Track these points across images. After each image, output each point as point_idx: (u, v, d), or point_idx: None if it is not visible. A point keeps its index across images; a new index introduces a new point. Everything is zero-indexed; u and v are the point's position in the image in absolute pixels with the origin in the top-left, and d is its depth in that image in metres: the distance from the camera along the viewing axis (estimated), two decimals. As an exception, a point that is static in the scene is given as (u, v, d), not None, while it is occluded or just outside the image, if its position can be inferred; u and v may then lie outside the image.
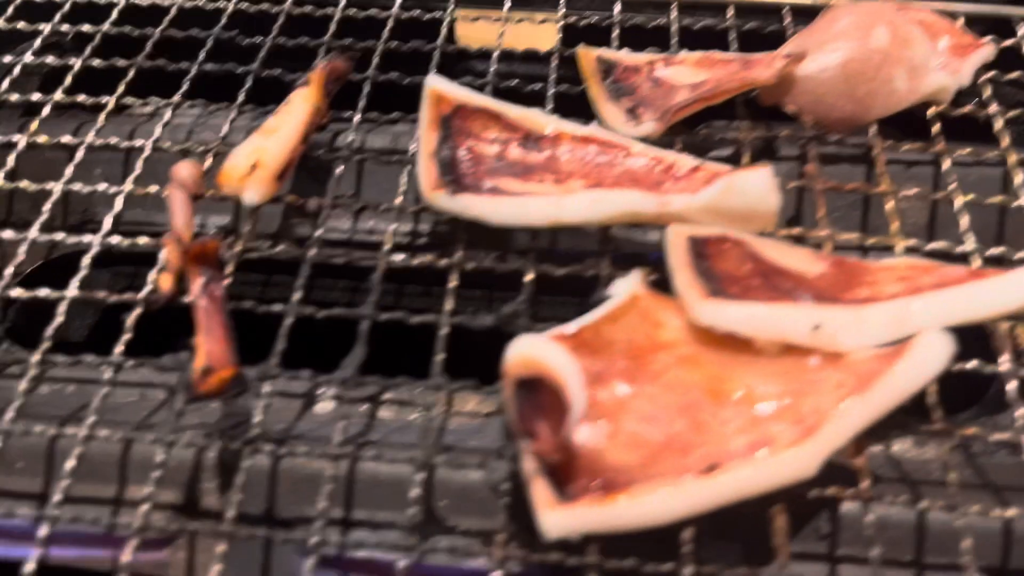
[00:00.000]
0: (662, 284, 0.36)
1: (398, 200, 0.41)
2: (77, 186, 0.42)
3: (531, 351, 0.31)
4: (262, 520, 0.37)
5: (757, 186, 0.35)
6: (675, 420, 0.32)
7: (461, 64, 0.50)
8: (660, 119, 0.41)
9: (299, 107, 0.42)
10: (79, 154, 0.43)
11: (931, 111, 0.44)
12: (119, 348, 0.36)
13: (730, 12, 0.50)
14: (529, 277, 0.38)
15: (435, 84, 0.40)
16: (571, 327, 0.33)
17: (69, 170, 0.42)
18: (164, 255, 0.38)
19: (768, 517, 0.31)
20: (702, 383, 0.33)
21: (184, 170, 0.40)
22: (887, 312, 0.32)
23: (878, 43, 0.43)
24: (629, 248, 0.41)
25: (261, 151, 0.40)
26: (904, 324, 0.32)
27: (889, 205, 0.40)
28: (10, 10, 0.51)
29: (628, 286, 0.34)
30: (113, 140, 0.44)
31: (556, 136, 0.40)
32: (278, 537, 0.33)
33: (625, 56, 0.45)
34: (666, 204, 0.36)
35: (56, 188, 0.42)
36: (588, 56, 0.44)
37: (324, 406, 0.41)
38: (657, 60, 0.45)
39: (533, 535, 0.30)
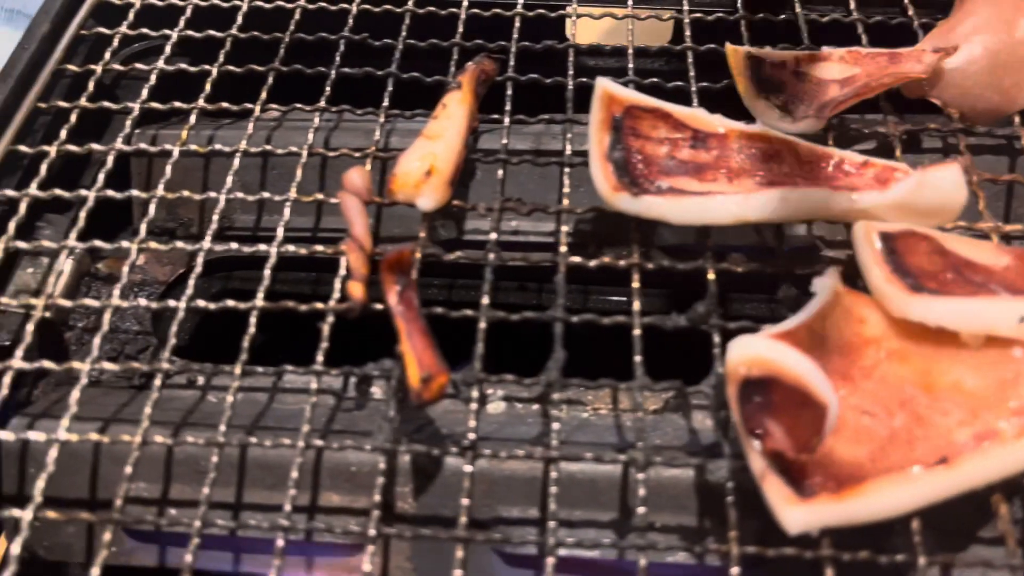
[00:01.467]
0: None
1: (565, 202, 0.41)
2: (239, 194, 0.42)
3: (762, 352, 0.31)
4: (454, 522, 0.37)
5: (949, 183, 0.36)
6: (895, 414, 0.32)
7: (590, 61, 0.50)
8: (817, 115, 0.42)
9: (457, 111, 0.43)
10: (235, 162, 0.43)
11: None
12: (319, 357, 0.36)
13: (852, 4, 0.51)
14: (711, 275, 0.38)
15: (607, 85, 0.40)
16: (787, 325, 0.33)
17: (229, 179, 0.42)
18: (349, 262, 0.38)
19: (990, 506, 0.32)
20: (913, 377, 0.33)
21: (357, 177, 0.40)
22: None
23: (1023, 34, 0.43)
24: (798, 244, 0.41)
25: (432, 156, 0.40)
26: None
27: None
28: (131, 15, 0.51)
29: (829, 283, 0.35)
30: (268, 147, 0.44)
31: (724, 134, 0.40)
32: (478, 538, 0.34)
33: (771, 52, 0.45)
34: (855, 201, 0.36)
35: (220, 197, 0.42)
36: (737, 53, 0.45)
37: (496, 407, 0.41)
38: (803, 56, 0.45)
39: (765, 531, 0.31)
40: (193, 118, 0.45)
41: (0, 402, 0.36)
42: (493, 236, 0.40)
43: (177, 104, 0.46)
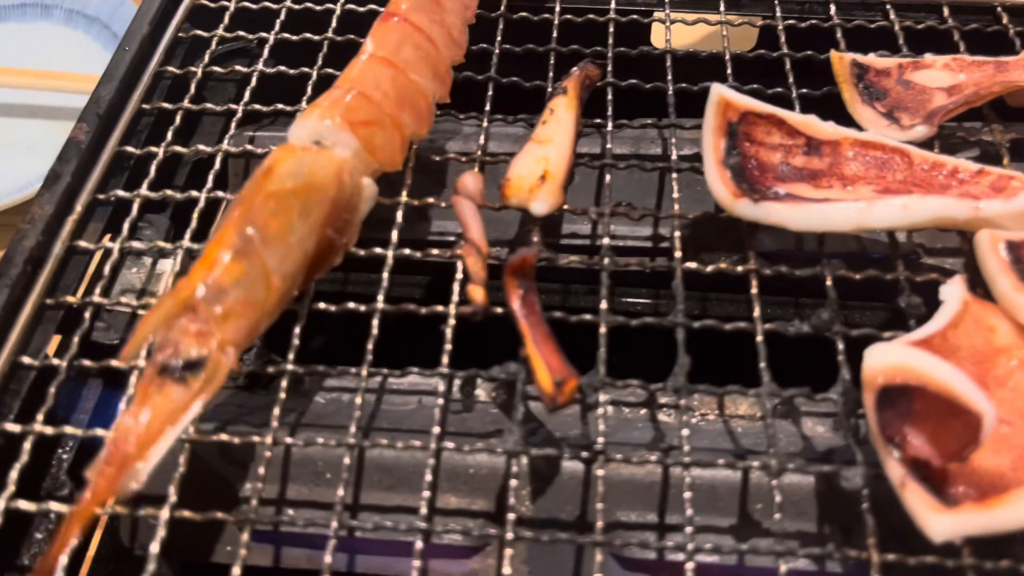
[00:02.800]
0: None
1: (676, 208, 0.41)
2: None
3: (906, 360, 0.31)
4: (573, 526, 0.37)
5: (1077, 191, 0.35)
6: (1033, 423, 0.32)
7: (686, 67, 0.50)
8: (927, 123, 0.42)
9: (565, 115, 0.43)
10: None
11: None
12: (445, 359, 0.36)
13: (946, 12, 0.51)
14: (830, 281, 0.38)
15: (723, 91, 0.40)
16: (922, 333, 0.33)
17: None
18: (467, 266, 0.38)
19: None
20: (1047, 386, 0.33)
21: (471, 181, 0.40)
22: None
23: None
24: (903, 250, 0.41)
25: (545, 161, 0.40)
26: None
27: None
28: (226, 18, 0.51)
29: (958, 292, 0.35)
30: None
31: (838, 141, 0.40)
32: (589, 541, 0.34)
33: (876, 59, 0.45)
34: (979, 209, 0.36)
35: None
36: (843, 60, 0.45)
37: (603, 410, 0.41)
38: (906, 63, 0.45)
39: (904, 538, 0.31)
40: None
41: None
42: (606, 241, 0.40)
43: (280, 106, 0.46)
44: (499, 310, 0.37)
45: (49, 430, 0.35)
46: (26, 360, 0.37)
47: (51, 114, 0.81)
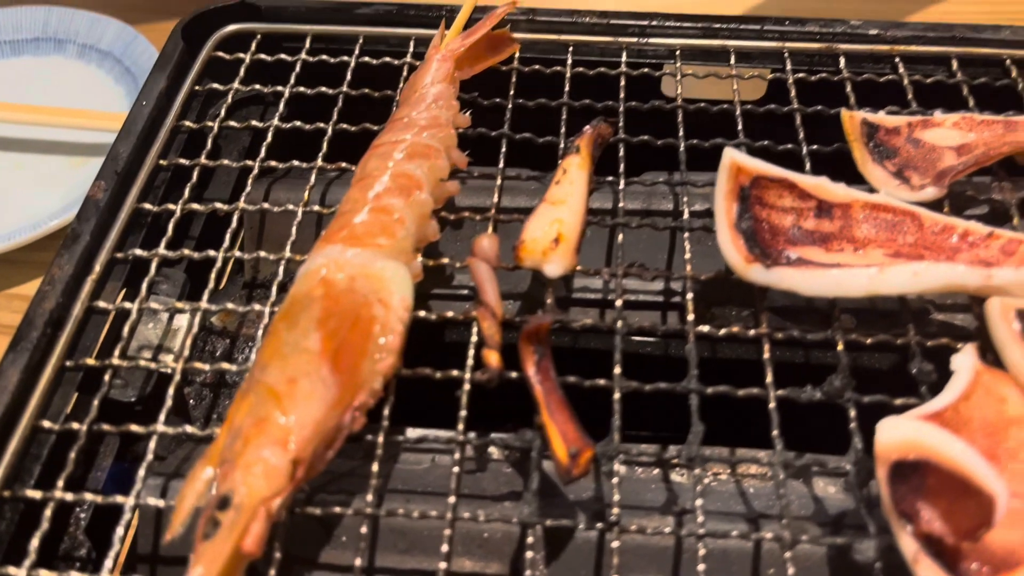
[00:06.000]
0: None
1: (688, 268, 0.41)
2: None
3: (919, 436, 0.31)
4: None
5: (1087, 261, 0.36)
6: (1044, 497, 0.33)
7: (696, 120, 0.50)
8: (937, 184, 0.42)
9: (577, 176, 0.43)
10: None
11: None
12: (460, 426, 0.37)
13: (954, 64, 0.51)
14: (841, 347, 0.39)
15: (735, 156, 0.40)
16: (935, 406, 0.34)
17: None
18: (482, 330, 0.39)
19: None
20: (1059, 459, 0.34)
21: (487, 244, 0.41)
22: None
23: None
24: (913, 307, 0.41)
25: (559, 223, 0.41)
26: None
27: None
28: (242, 71, 0.52)
29: (969, 361, 0.35)
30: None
31: (848, 204, 0.41)
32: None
33: (886, 118, 0.46)
34: (991, 277, 0.37)
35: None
36: (853, 119, 0.45)
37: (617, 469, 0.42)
38: (916, 122, 0.45)
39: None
40: (313, 177, 0.46)
41: (144, 468, 0.36)
42: (619, 303, 0.40)
43: (295, 162, 0.47)
44: (514, 375, 0.38)
45: (69, 496, 0.36)
46: (46, 424, 0.38)
47: (66, 150, 0.82)
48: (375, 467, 0.36)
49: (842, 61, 0.51)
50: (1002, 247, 0.39)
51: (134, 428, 0.37)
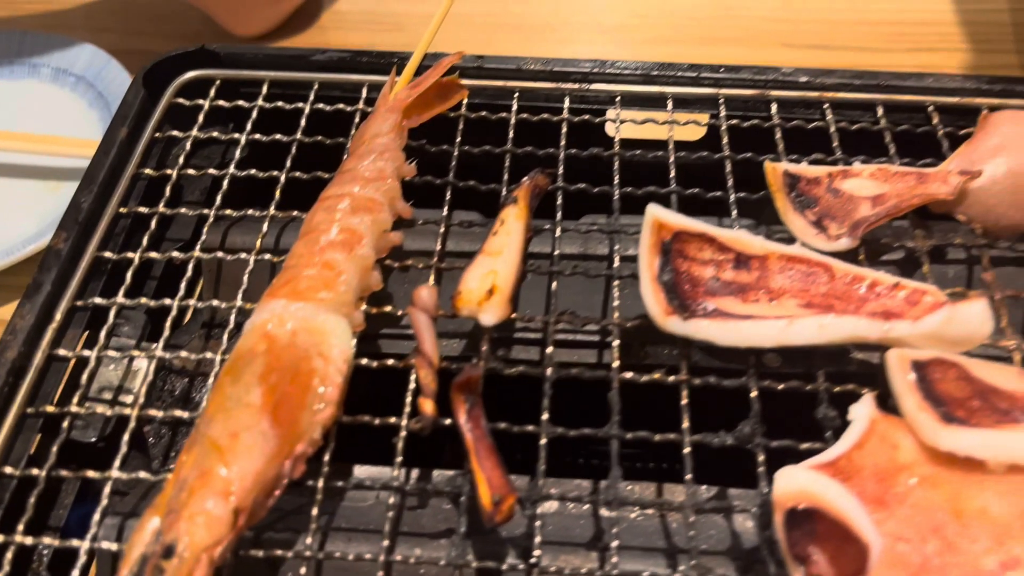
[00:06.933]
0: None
1: (615, 316, 0.44)
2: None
3: (808, 486, 0.34)
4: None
5: (977, 317, 0.39)
6: (928, 540, 0.35)
7: (630, 171, 0.53)
8: (851, 235, 0.45)
9: (515, 226, 0.46)
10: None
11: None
12: (396, 471, 0.39)
13: (880, 111, 0.54)
14: (754, 394, 0.41)
15: (657, 213, 0.43)
16: (829, 456, 0.36)
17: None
18: (419, 378, 0.41)
19: (1014, 627, 0.35)
20: (944, 503, 0.36)
21: (425, 295, 0.43)
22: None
23: (1042, 156, 0.46)
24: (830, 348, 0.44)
25: (494, 275, 0.43)
26: None
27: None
28: (200, 117, 0.54)
29: (867, 410, 0.38)
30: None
31: (764, 256, 0.43)
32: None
33: (807, 169, 0.49)
34: (889, 331, 0.39)
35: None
36: (776, 171, 0.48)
37: (549, 505, 0.44)
38: (836, 172, 0.48)
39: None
40: (266, 226, 0.48)
41: (100, 512, 0.39)
42: (549, 350, 0.43)
43: (250, 211, 0.49)
44: (447, 421, 0.40)
45: (29, 540, 0.38)
46: (8, 470, 0.40)
47: (41, 174, 0.83)
48: (314, 511, 0.38)
49: (774, 107, 0.54)
50: (906, 297, 0.42)
51: (90, 474, 0.40)
